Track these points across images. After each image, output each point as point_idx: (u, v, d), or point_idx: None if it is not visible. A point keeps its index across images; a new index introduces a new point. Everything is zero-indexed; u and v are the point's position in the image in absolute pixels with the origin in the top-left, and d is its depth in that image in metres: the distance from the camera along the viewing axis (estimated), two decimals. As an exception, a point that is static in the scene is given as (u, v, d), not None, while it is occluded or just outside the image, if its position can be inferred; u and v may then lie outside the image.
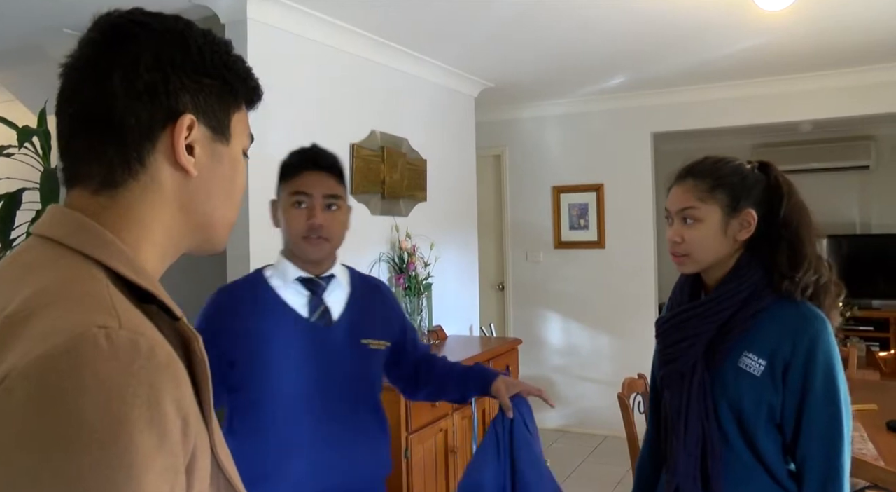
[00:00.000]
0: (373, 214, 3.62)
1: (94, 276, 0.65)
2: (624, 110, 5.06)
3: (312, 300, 1.62)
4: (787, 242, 1.40)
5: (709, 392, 1.41)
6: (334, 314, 1.63)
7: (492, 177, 5.56)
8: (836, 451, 1.33)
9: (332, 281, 1.64)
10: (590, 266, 5.19)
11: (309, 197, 1.57)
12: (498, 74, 4.39)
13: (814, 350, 1.34)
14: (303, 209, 1.57)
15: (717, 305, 1.42)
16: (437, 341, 3.92)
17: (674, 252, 1.47)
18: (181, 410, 0.60)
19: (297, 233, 1.58)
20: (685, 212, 1.44)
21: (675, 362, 1.46)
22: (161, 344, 0.62)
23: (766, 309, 1.40)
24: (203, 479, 0.66)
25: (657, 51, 3.91)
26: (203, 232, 0.78)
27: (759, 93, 4.70)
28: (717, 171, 1.45)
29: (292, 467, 1.55)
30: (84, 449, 0.54)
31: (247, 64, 0.81)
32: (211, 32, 0.78)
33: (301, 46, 3.13)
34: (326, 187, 1.59)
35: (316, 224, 1.56)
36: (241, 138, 0.80)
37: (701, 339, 1.43)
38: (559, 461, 4.58)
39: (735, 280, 1.42)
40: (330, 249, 1.62)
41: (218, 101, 0.76)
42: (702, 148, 6.28)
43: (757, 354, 1.37)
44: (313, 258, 1.61)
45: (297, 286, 1.62)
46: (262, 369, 1.57)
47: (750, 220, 1.42)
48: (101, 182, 0.71)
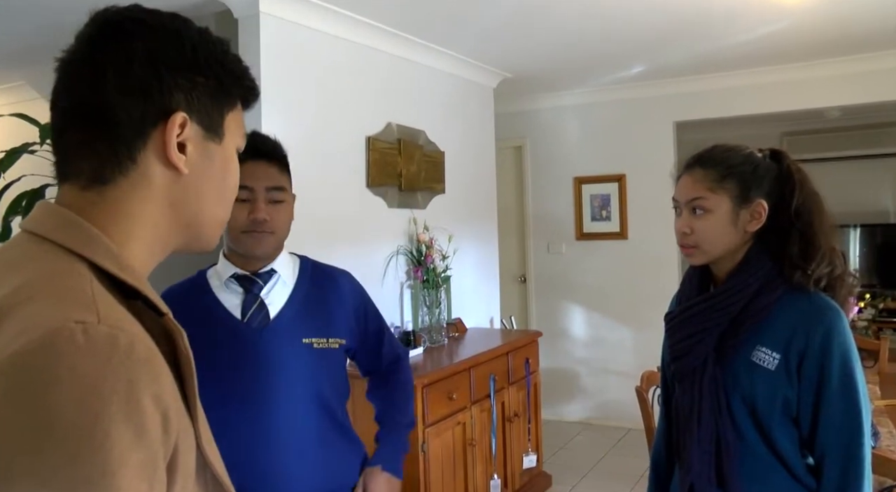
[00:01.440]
0: (389, 206, 3.61)
1: (77, 271, 0.65)
2: (645, 99, 4.99)
3: (246, 299, 1.49)
4: (799, 233, 1.37)
5: (721, 387, 1.38)
6: (272, 312, 1.49)
7: (513, 168, 5.53)
8: (856, 443, 1.29)
9: (272, 277, 1.51)
10: (612, 258, 5.14)
11: (250, 190, 1.44)
12: (516, 65, 4.35)
13: (829, 342, 1.31)
14: (244, 203, 1.43)
15: (727, 298, 1.38)
16: (457, 334, 3.91)
17: (682, 243, 1.44)
18: (160, 405, 0.60)
19: (238, 228, 1.44)
20: (694, 202, 1.40)
21: (686, 357, 1.43)
22: (141, 339, 0.62)
23: (778, 301, 1.36)
24: (187, 475, 0.66)
25: (677, 38, 3.84)
26: (192, 230, 0.78)
27: (784, 79, 4.60)
28: (728, 160, 1.41)
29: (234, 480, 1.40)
30: (59, 444, 0.54)
31: (243, 63, 0.81)
32: (207, 31, 0.78)
33: (314, 39, 3.13)
34: (269, 178, 1.47)
35: (259, 218, 1.44)
36: (234, 137, 0.80)
37: (711, 333, 1.39)
38: (581, 454, 4.56)
39: (745, 272, 1.38)
40: (275, 243, 1.50)
41: (211, 100, 0.75)
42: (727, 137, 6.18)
43: (770, 347, 1.34)
44: (257, 254, 1.48)
45: (233, 285, 1.50)
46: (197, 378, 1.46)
47: (761, 211, 1.38)
48: (91, 178, 0.71)
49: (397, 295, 3.68)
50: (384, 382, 1.74)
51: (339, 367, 1.58)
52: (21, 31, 3.23)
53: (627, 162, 5.03)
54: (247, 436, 1.43)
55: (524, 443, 3.81)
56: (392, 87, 3.66)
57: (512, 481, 3.67)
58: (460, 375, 3.25)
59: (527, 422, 3.83)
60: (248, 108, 0.85)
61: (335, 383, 1.56)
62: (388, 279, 3.59)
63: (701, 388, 1.39)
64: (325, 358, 1.52)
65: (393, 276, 3.64)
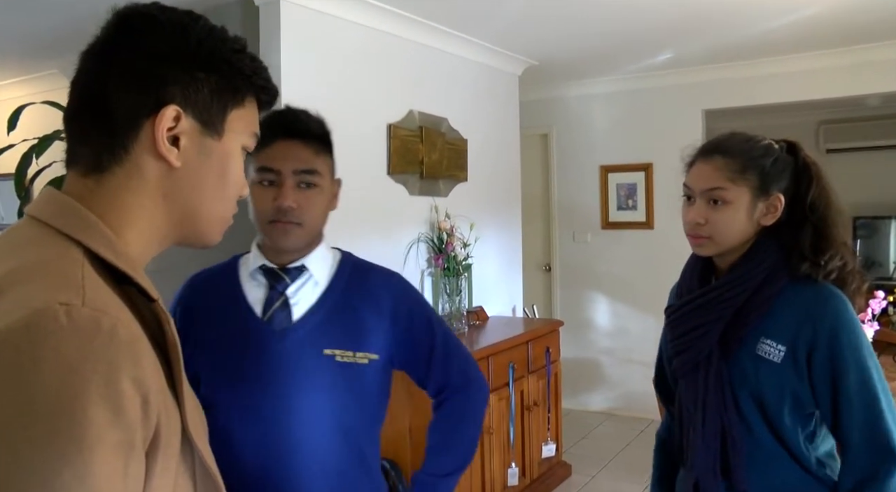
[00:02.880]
0: (411, 194, 3.62)
1: (71, 256, 0.67)
2: (673, 87, 4.90)
3: (269, 295, 1.33)
4: (812, 226, 1.34)
5: (727, 383, 1.34)
6: (296, 314, 1.32)
7: (539, 157, 5.48)
8: (880, 433, 1.25)
9: (302, 274, 1.35)
10: (638, 247, 5.08)
11: (277, 173, 1.29)
12: (542, 53, 4.30)
13: (837, 332, 1.27)
14: (270, 188, 1.30)
15: (730, 290, 1.34)
16: (478, 322, 3.92)
17: (694, 234, 1.38)
18: (141, 388, 0.62)
19: (264, 216, 1.31)
20: (713, 192, 1.34)
21: (689, 352, 1.39)
22: (124, 323, 0.63)
23: (782, 291, 1.32)
24: (170, 456, 0.68)
25: (705, 25, 3.75)
26: (189, 224, 0.79)
27: (820, 66, 4.47)
28: (749, 150, 1.36)
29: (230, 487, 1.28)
30: (38, 420, 0.56)
31: (257, 62, 0.82)
32: (220, 29, 0.79)
33: (335, 27, 3.14)
34: (299, 161, 1.30)
35: (284, 206, 1.28)
36: (238, 135, 0.80)
37: (715, 326, 1.35)
38: (604, 445, 4.54)
39: (749, 263, 1.35)
40: (304, 236, 1.33)
41: (212, 96, 0.76)
42: (761, 126, 6.05)
43: (775, 339, 1.30)
44: (282, 247, 1.33)
45: (259, 277, 1.35)
46: (206, 372, 1.31)
47: (777, 204, 1.35)
48: (90, 165, 0.74)
49: (418, 283, 3.69)
50: (439, 411, 1.46)
51: (370, 387, 1.35)
52: (53, 21, 3.30)
53: (654, 151, 4.96)
54: (254, 447, 1.28)
55: (543, 432, 3.80)
56: (415, 74, 3.65)
57: (530, 470, 3.67)
58: (479, 363, 3.24)
59: (546, 411, 3.82)
60: (266, 109, 0.86)
61: (362, 405, 1.35)
62: (408, 267, 3.60)
63: (706, 383, 1.35)
64: (350, 374, 1.32)
65: (414, 263, 3.65)
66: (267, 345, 1.30)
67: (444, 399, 1.46)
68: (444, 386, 1.45)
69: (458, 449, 1.46)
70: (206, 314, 1.36)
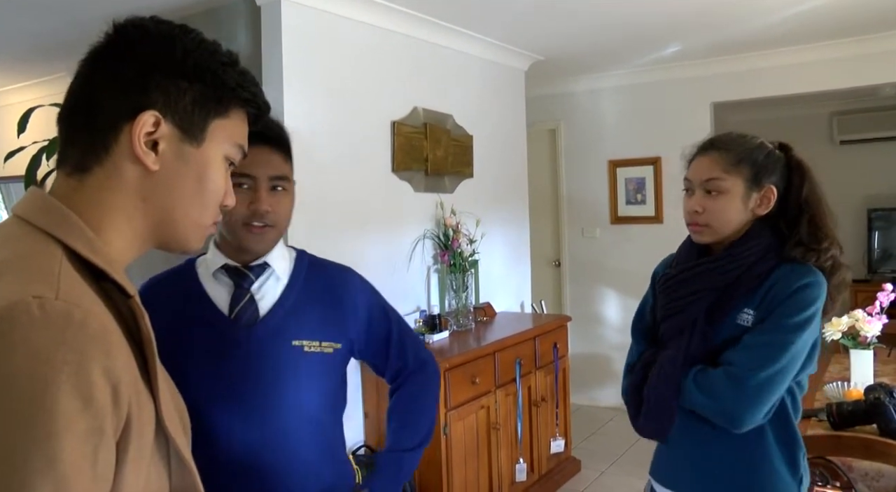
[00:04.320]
0: (416, 191, 3.63)
1: (50, 252, 0.70)
2: (681, 80, 4.87)
3: (235, 293, 1.37)
4: (808, 218, 1.46)
5: (709, 340, 1.45)
6: (262, 310, 1.37)
7: (547, 152, 5.47)
8: (759, 369, 1.36)
9: (265, 271, 1.39)
10: (647, 242, 5.05)
11: (252, 178, 1.33)
12: (548, 48, 4.29)
13: (798, 290, 1.38)
14: (245, 191, 1.32)
15: (726, 264, 1.46)
16: (485, 318, 3.92)
17: (693, 222, 1.50)
18: (111, 378, 0.64)
19: (238, 218, 1.33)
20: (710, 183, 1.47)
21: (679, 315, 1.50)
22: (96, 316, 0.66)
23: (772, 271, 1.43)
24: (143, 446, 0.70)
25: (714, 16, 3.73)
26: (166, 228, 0.81)
27: (831, 56, 4.43)
28: (743, 145, 1.49)
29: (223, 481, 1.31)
30: (9, 406, 0.59)
31: (245, 76, 0.85)
32: (211, 43, 0.83)
33: (337, 25, 3.15)
34: (272, 167, 1.35)
35: (261, 210, 1.32)
36: (220, 144, 0.83)
37: (706, 295, 1.47)
38: (613, 440, 4.53)
39: (746, 242, 1.46)
40: (276, 237, 1.39)
41: (194, 105, 0.79)
42: (774, 117, 6.00)
43: (751, 307, 1.43)
44: (256, 249, 1.37)
45: (222, 277, 1.39)
46: (178, 374, 1.29)
47: (770, 196, 1.47)
48: (74, 166, 0.77)
49: (424, 279, 3.70)
50: (397, 394, 1.55)
51: (333, 374, 1.43)
52: (61, 25, 3.34)
53: (663, 144, 4.93)
54: (234, 439, 1.32)
55: (552, 428, 3.80)
56: (418, 71, 3.66)
57: (539, 466, 3.67)
58: (484, 359, 3.26)
59: (555, 407, 3.82)
60: (256, 121, 0.90)
61: (326, 392, 1.42)
62: (414, 263, 3.61)
63: (689, 341, 1.46)
64: (317, 363, 1.39)
65: (420, 260, 3.66)
66: (238, 340, 1.34)
67: (401, 382, 1.55)
68: (401, 370, 1.54)
69: (418, 425, 1.53)
70: (168, 318, 1.34)
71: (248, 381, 1.33)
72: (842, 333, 2.60)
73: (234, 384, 1.33)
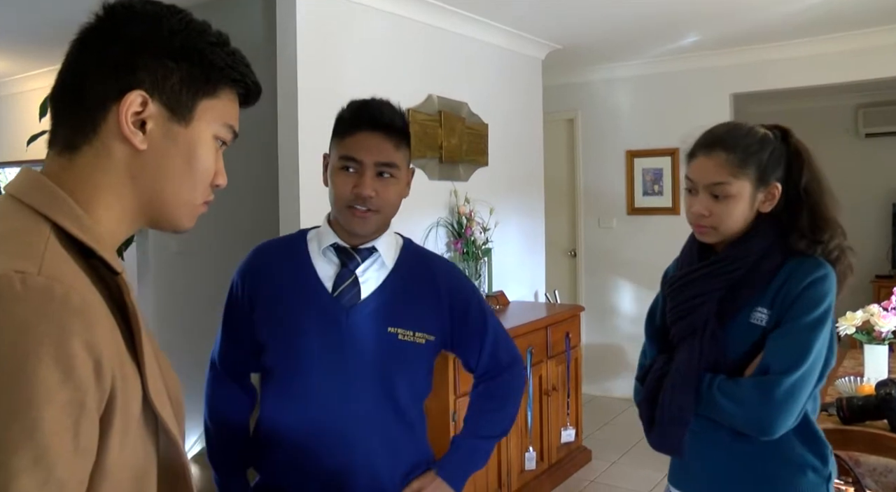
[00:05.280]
0: (430, 178, 3.63)
1: (38, 229, 0.71)
2: (701, 71, 4.82)
3: (341, 273, 1.42)
4: (808, 208, 1.41)
5: (721, 346, 1.40)
6: (364, 293, 1.42)
7: (564, 141, 5.44)
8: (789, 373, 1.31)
9: (372, 255, 1.44)
10: (664, 233, 5.01)
11: (358, 163, 1.37)
12: (565, 36, 4.26)
13: (810, 286, 1.34)
14: (351, 174, 1.37)
15: (730, 264, 1.42)
16: (498, 307, 3.93)
17: (698, 224, 1.44)
18: (93, 352, 0.65)
19: (343, 200, 1.38)
20: (716, 187, 1.40)
21: (688, 318, 1.45)
22: (78, 291, 0.67)
23: (781, 266, 1.40)
24: (128, 419, 0.72)
25: (734, 5, 3.68)
26: (156, 206, 0.82)
27: (857, 46, 4.34)
28: (748, 145, 1.41)
29: (272, 446, 1.46)
30: None
31: (235, 57, 0.85)
32: (200, 23, 0.83)
33: (352, 12, 3.15)
34: (381, 154, 1.37)
35: (364, 194, 1.36)
36: (209, 124, 0.83)
37: (712, 296, 1.43)
38: (626, 431, 4.52)
39: (748, 240, 1.42)
40: (379, 222, 1.41)
41: (181, 85, 0.79)
42: (797, 109, 5.91)
43: (765, 306, 1.38)
44: (358, 232, 1.41)
45: (331, 255, 1.44)
46: (274, 338, 1.45)
47: (775, 192, 1.42)
48: (64, 145, 0.78)
49: (437, 267, 3.71)
50: (482, 387, 1.58)
51: (422, 364, 1.47)
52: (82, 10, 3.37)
53: (681, 135, 4.86)
54: (317, 408, 1.41)
55: (563, 417, 3.81)
56: (433, 59, 3.65)
57: (548, 455, 3.68)
58: (495, 347, 3.26)
59: (566, 396, 3.82)
60: (249, 103, 0.89)
61: (413, 380, 1.46)
62: (427, 251, 3.62)
63: (701, 346, 1.41)
64: (408, 352, 1.43)
65: (432, 247, 3.67)
66: (336, 319, 1.40)
67: (491, 376, 1.57)
68: (493, 367, 1.56)
69: (498, 417, 1.57)
70: (275, 283, 1.45)
71: (341, 358, 1.40)
72: (856, 327, 2.57)
73: (328, 359, 1.40)
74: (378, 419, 1.42)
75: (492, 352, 1.54)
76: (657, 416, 1.44)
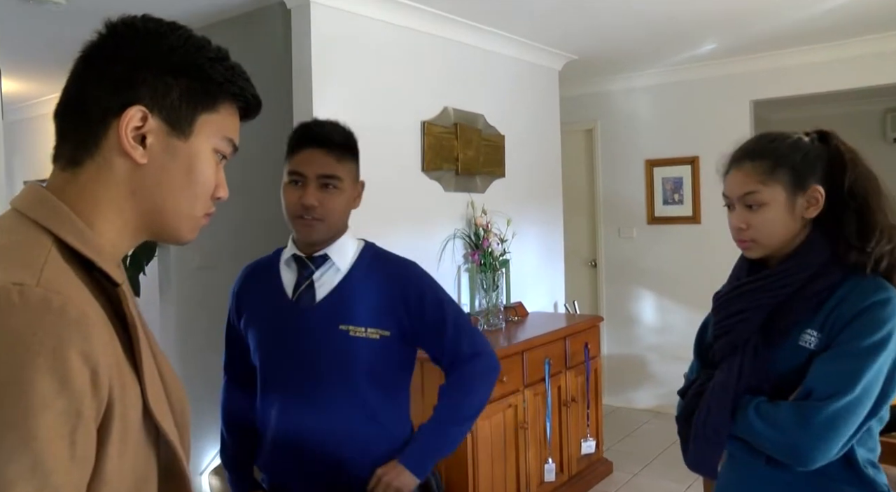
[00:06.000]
0: (446, 190, 3.65)
1: (39, 242, 0.74)
2: (719, 78, 4.78)
3: (298, 279, 1.58)
4: (854, 213, 1.32)
5: (764, 368, 1.33)
6: (318, 296, 1.56)
7: (583, 152, 5.43)
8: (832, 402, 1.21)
9: (326, 262, 1.58)
10: (685, 242, 4.98)
11: (302, 176, 1.52)
12: (581, 47, 4.26)
13: (868, 309, 1.24)
14: (297, 187, 1.52)
15: (778, 280, 1.34)
16: (516, 318, 3.92)
17: (739, 238, 1.39)
18: (89, 362, 0.67)
19: (291, 211, 1.54)
20: (748, 197, 1.36)
21: (728, 335, 1.39)
22: (77, 303, 0.69)
23: (837, 286, 1.30)
24: (127, 428, 0.73)
25: (752, 11, 3.65)
26: (157, 219, 0.84)
27: (884, 49, 4.25)
28: (776, 150, 1.37)
29: (263, 444, 1.62)
30: None
31: (234, 71, 0.87)
32: (200, 39, 0.85)
33: (367, 26, 3.19)
34: (321, 166, 1.52)
35: (307, 204, 1.50)
36: (209, 138, 0.85)
37: (757, 313, 1.35)
38: (648, 443, 4.47)
39: (801, 256, 1.34)
40: (325, 230, 1.54)
41: (181, 100, 0.82)
42: (821, 115, 5.84)
43: (815, 328, 1.30)
44: (305, 239, 1.56)
45: (292, 264, 1.60)
46: (254, 343, 1.63)
47: (817, 196, 1.34)
48: (68, 160, 0.81)
49: (454, 278, 3.72)
50: (449, 377, 1.65)
51: (380, 358, 1.56)
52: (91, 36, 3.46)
53: (701, 144, 4.84)
54: (288, 406, 1.56)
55: (583, 429, 3.78)
56: (449, 71, 3.68)
57: (568, 467, 3.65)
58: (512, 358, 3.26)
59: (585, 407, 3.79)
60: (249, 117, 0.91)
61: (372, 373, 1.55)
62: (444, 262, 3.63)
63: (741, 366, 1.34)
64: (361, 347, 1.53)
65: (450, 259, 3.68)
66: (293, 321, 1.56)
67: (455, 368, 1.63)
68: (456, 357, 1.62)
69: (462, 403, 1.61)
70: (253, 296, 1.66)
71: (301, 358, 1.55)
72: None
73: (287, 357, 1.55)
74: (342, 415, 1.53)
75: (453, 343, 1.60)
76: (692, 435, 1.39)
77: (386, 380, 1.58)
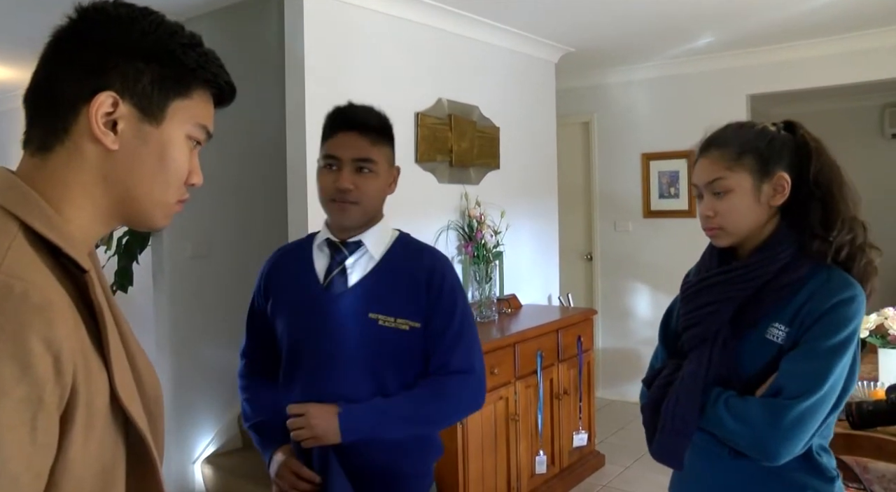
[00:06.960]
0: (440, 182, 3.64)
1: (6, 228, 0.73)
2: (716, 72, 4.76)
3: (330, 265, 1.56)
4: (819, 202, 1.34)
5: (732, 360, 1.34)
6: (350, 282, 1.54)
7: (580, 145, 5.42)
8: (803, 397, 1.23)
9: (359, 248, 1.56)
10: (680, 236, 4.96)
11: (337, 160, 1.51)
12: (578, 39, 4.25)
13: (835, 307, 1.27)
14: (332, 171, 1.51)
15: (747, 273, 1.36)
16: (510, 310, 3.92)
17: (707, 226, 1.40)
18: (52, 348, 0.66)
19: (326, 194, 1.53)
20: (714, 184, 1.38)
21: (698, 327, 1.40)
22: (40, 289, 0.68)
23: (803, 280, 1.32)
24: (94, 415, 0.73)
25: (750, 4, 3.63)
26: (129, 205, 0.83)
27: (881, 44, 4.24)
28: (741, 137, 1.40)
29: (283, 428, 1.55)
30: None
31: (207, 58, 0.86)
32: (172, 24, 0.84)
33: (360, 16, 3.17)
34: (356, 150, 1.50)
35: (342, 187, 1.49)
36: (181, 124, 0.84)
37: (727, 306, 1.36)
38: (641, 436, 4.44)
39: (770, 248, 1.36)
40: (359, 214, 1.53)
41: (152, 86, 0.81)
42: (819, 110, 5.82)
43: (782, 322, 1.31)
44: (341, 223, 1.54)
45: (324, 249, 1.58)
46: (280, 327, 1.60)
47: (783, 184, 1.36)
48: (38, 145, 0.80)
49: (447, 270, 3.71)
50: (427, 379, 1.54)
51: (408, 351, 1.52)
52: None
53: (697, 137, 4.74)
54: (311, 393, 1.52)
55: (574, 421, 3.78)
56: (444, 62, 3.66)
57: (560, 459, 3.66)
58: (504, 350, 3.26)
59: (578, 400, 3.79)
60: (223, 103, 0.90)
61: (398, 364, 1.52)
62: (437, 254, 3.63)
63: (710, 358, 1.36)
64: (390, 337, 1.50)
65: (443, 250, 3.66)
66: (323, 306, 1.53)
67: (441, 374, 1.53)
68: (443, 366, 1.53)
69: (433, 408, 1.53)
70: (283, 279, 1.64)
71: (328, 344, 1.52)
72: (869, 331, 2.52)
73: (314, 342, 1.53)
74: (360, 399, 1.49)
75: (448, 349, 1.52)
76: (659, 425, 1.40)
77: (411, 372, 1.54)
